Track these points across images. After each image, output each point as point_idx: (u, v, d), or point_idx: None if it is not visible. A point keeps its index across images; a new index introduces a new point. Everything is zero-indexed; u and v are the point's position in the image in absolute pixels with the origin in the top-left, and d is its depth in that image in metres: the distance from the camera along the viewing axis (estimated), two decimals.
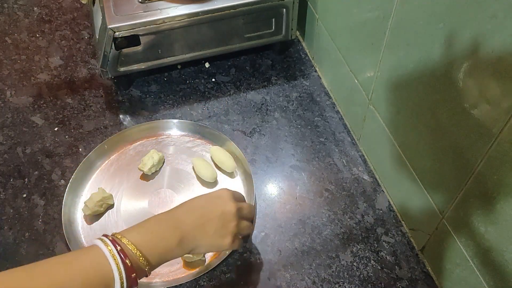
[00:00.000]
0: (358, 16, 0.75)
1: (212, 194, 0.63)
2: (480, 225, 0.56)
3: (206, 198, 0.62)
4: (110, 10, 0.82)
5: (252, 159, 0.84)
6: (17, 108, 0.92)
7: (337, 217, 0.77)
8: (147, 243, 0.53)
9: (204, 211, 0.59)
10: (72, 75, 0.98)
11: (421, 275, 0.71)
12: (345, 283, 0.70)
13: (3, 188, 0.80)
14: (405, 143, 0.69)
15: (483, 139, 0.51)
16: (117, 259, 0.49)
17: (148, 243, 0.53)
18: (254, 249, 0.74)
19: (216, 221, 0.59)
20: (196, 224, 0.58)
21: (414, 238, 0.74)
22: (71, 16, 1.11)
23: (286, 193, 0.80)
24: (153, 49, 0.87)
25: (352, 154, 0.85)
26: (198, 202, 0.61)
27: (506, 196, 0.50)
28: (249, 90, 0.95)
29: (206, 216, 0.59)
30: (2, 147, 0.86)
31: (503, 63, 0.45)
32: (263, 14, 0.90)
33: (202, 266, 0.71)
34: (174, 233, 0.55)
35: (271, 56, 1.02)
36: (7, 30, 1.07)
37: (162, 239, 0.55)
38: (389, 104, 0.71)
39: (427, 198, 0.66)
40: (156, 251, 0.54)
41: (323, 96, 0.95)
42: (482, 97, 0.49)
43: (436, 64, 0.56)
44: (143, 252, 0.52)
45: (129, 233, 0.53)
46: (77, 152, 0.85)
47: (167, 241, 0.55)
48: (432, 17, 0.54)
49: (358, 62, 0.79)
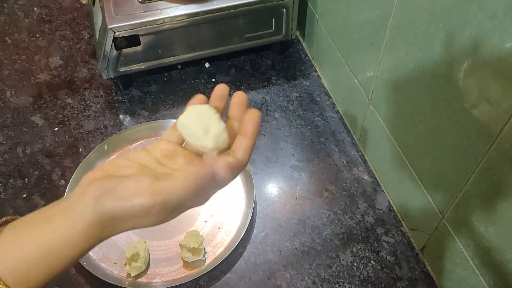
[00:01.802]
0: (358, 16, 0.75)
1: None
2: (480, 225, 0.56)
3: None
4: (110, 10, 0.82)
5: (252, 159, 0.84)
6: (17, 108, 0.92)
7: (337, 217, 0.77)
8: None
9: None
10: (72, 75, 0.98)
11: (421, 275, 0.71)
12: (345, 283, 0.70)
13: (3, 188, 0.80)
14: (405, 143, 0.69)
15: (483, 139, 0.51)
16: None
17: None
18: (254, 249, 0.74)
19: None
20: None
21: (414, 238, 0.74)
22: (71, 16, 1.11)
23: (286, 193, 0.80)
24: (153, 49, 0.87)
25: (352, 154, 0.85)
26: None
27: (506, 196, 0.50)
28: (249, 90, 0.95)
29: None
30: (2, 147, 0.86)
31: (503, 63, 0.45)
32: (263, 14, 0.90)
33: (202, 266, 0.71)
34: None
35: (271, 56, 1.02)
36: (7, 30, 1.07)
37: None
38: (389, 104, 0.71)
39: (427, 198, 0.66)
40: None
41: (323, 96, 0.95)
42: (482, 97, 0.49)
43: (436, 64, 0.56)
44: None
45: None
46: (77, 152, 0.85)
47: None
48: (432, 17, 0.54)
49: (358, 62, 0.79)
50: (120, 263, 0.72)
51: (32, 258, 0.34)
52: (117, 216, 0.34)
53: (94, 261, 0.71)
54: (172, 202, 0.35)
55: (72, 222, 0.34)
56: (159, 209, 0.34)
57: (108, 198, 0.34)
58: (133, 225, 0.35)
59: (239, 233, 0.73)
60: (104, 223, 0.34)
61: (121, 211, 0.34)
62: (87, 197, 0.34)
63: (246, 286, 0.70)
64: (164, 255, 0.73)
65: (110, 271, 0.71)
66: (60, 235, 0.34)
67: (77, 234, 0.34)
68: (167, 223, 0.37)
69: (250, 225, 0.75)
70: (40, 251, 0.34)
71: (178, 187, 0.35)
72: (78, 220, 0.34)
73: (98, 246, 0.36)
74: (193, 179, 0.35)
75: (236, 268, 0.72)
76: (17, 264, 0.34)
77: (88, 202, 0.34)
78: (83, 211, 0.34)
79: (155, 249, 0.73)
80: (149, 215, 0.34)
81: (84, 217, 0.34)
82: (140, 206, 0.34)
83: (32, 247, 0.34)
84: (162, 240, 0.74)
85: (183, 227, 0.75)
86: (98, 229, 0.34)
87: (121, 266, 0.71)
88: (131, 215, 0.34)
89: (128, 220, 0.34)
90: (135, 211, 0.34)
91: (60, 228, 0.34)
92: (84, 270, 0.69)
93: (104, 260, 0.72)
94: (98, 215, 0.34)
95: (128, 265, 0.69)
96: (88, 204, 0.34)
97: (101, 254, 0.72)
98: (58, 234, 0.34)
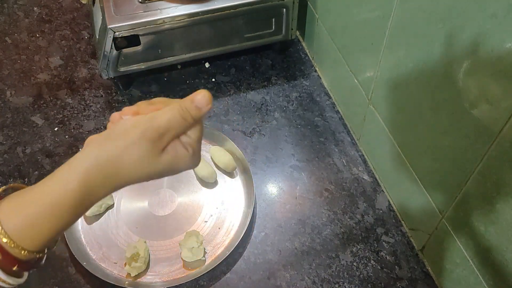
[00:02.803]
0: (358, 16, 0.75)
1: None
2: (480, 225, 0.56)
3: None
4: (110, 10, 0.82)
5: (252, 159, 0.84)
6: (17, 108, 0.92)
7: (337, 217, 0.77)
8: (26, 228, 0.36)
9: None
10: (72, 75, 0.98)
11: (421, 275, 0.71)
12: (345, 283, 0.70)
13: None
14: (405, 143, 0.69)
15: (483, 139, 0.51)
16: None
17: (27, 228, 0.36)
18: (254, 249, 0.74)
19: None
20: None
21: (414, 238, 0.74)
22: (71, 16, 1.11)
23: (286, 193, 0.80)
24: (153, 49, 0.87)
25: (352, 154, 0.85)
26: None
27: (506, 196, 0.50)
28: (249, 90, 0.95)
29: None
30: (2, 147, 0.86)
31: (503, 63, 0.45)
32: (263, 14, 0.90)
33: (202, 266, 0.71)
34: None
35: (271, 56, 1.02)
36: (7, 30, 1.07)
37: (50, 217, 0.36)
38: (389, 104, 0.71)
39: (427, 198, 0.66)
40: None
41: (323, 96, 0.95)
42: (482, 97, 0.49)
43: (436, 64, 0.56)
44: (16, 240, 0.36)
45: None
46: (77, 152, 0.85)
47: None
48: (432, 17, 0.54)
49: (358, 62, 0.79)
50: (120, 263, 0.72)
51: (35, 214, 0.36)
52: (114, 155, 0.37)
53: (94, 261, 0.71)
54: (163, 124, 0.37)
55: (71, 172, 0.36)
56: (151, 134, 0.37)
57: (105, 143, 0.37)
58: (131, 161, 0.37)
59: (239, 233, 0.74)
60: (101, 168, 0.36)
61: (117, 148, 0.37)
62: (84, 150, 0.37)
63: (246, 286, 0.70)
64: (164, 255, 0.73)
65: (110, 271, 0.71)
66: (59, 188, 0.36)
67: (76, 183, 0.36)
68: (167, 223, 0.37)
69: (250, 225, 0.75)
70: (43, 205, 0.36)
71: (162, 114, 0.38)
72: (76, 169, 0.36)
73: (98, 246, 0.37)
74: (177, 105, 0.39)
75: (236, 268, 0.72)
76: (23, 221, 0.36)
77: (85, 153, 0.37)
78: (80, 161, 0.37)
79: (155, 249, 0.73)
80: (142, 140, 0.37)
81: (81, 165, 0.36)
82: (132, 136, 0.37)
83: (36, 204, 0.36)
84: (162, 240, 0.74)
85: (183, 227, 0.75)
86: (96, 176, 0.36)
87: (121, 266, 0.71)
88: (126, 147, 0.37)
89: (124, 156, 0.37)
90: (129, 143, 0.36)
91: (59, 182, 0.36)
92: (84, 270, 0.69)
93: (104, 260, 0.72)
94: (96, 160, 0.36)
95: (128, 265, 0.69)
96: (85, 154, 0.37)
97: (101, 254, 0.72)
98: (57, 187, 0.36)
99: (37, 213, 0.36)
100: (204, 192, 0.80)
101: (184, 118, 0.39)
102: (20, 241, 0.36)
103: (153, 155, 0.38)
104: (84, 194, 0.37)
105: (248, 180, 0.79)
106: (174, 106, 0.39)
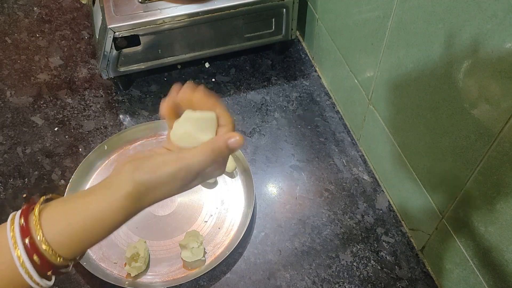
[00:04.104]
0: (358, 16, 0.75)
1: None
2: (480, 225, 0.56)
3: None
4: (110, 10, 0.82)
5: (252, 159, 0.84)
6: (17, 108, 0.92)
7: (337, 217, 0.77)
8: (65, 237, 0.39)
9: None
10: (72, 75, 0.98)
11: (421, 275, 0.71)
12: (345, 283, 0.70)
13: (3, 188, 0.80)
14: (405, 143, 0.69)
15: (483, 139, 0.51)
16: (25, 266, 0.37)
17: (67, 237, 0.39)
18: (254, 249, 0.74)
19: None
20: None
21: (414, 238, 0.74)
22: (71, 16, 1.11)
23: (286, 193, 0.80)
24: (153, 49, 0.87)
25: (352, 154, 0.85)
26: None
27: (506, 196, 0.50)
28: (249, 90, 0.95)
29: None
30: (2, 147, 0.86)
31: (503, 63, 0.45)
32: (263, 14, 0.90)
33: (202, 266, 0.71)
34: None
35: (271, 56, 1.02)
36: (7, 30, 1.07)
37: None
38: (389, 104, 0.71)
39: (427, 198, 0.66)
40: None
41: (323, 96, 0.95)
42: (482, 97, 0.49)
43: (436, 64, 0.56)
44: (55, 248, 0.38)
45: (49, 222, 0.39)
46: (77, 152, 0.85)
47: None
48: (432, 17, 0.54)
49: (358, 62, 0.79)
50: (120, 263, 0.72)
51: (76, 226, 0.39)
52: (150, 185, 0.40)
53: (94, 261, 0.71)
54: (194, 167, 0.41)
55: (112, 194, 0.40)
56: (184, 174, 0.41)
57: (141, 171, 0.40)
58: (163, 193, 0.42)
59: (239, 233, 0.74)
60: (139, 194, 0.40)
61: (152, 180, 0.40)
62: (123, 173, 0.40)
63: (246, 286, 0.70)
64: (164, 255, 0.73)
65: (110, 271, 0.71)
66: (102, 205, 0.39)
67: (117, 204, 0.39)
68: (167, 223, 0.39)
69: (250, 225, 0.75)
70: (84, 219, 0.39)
71: (198, 153, 0.41)
72: (117, 192, 0.39)
73: (98, 246, 0.38)
74: (210, 148, 0.42)
75: (236, 268, 0.72)
76: (63, 231, 0.39)
77: (124, 177, 0.40)
78: (121, 184, 0.39)
79: (155, 249, 0.73)
80: (176, 180, 0.41)
81: (122, 189, 0.39)
82: (167, 173, 0.40)
83: (78, 216, 0.39)
84: (162, 240, 0.74)
85: (183, 227, 0.75)
86: (134, 199, 0.40)
87: (121, 266, 0.71)
88: (161, 182, 0.40)
89: (158, 187, 0.41)
90: (164, 178, 0.40)
91: (102, 200, 0.39)
92: (84, 270, 0.69)
93: (104, 260, 0.72)
94: (134, 186, 0.39)
95: (128, 265, 0.69)
96: (124, 178, 0.40)
97: (101, 254, 0.72)
98: (100, 205, 0.39)
99: (78, 226, 0.39)
100: (204, 192, 0.80)
101: (215, 161, 0.42)
102: (58, 249, 0.38)
103: (184, 186, 0.42)
104: (126, 216, 0.40)
105: (248, 180, 0.79)
106: (205, 150, 0.41)
